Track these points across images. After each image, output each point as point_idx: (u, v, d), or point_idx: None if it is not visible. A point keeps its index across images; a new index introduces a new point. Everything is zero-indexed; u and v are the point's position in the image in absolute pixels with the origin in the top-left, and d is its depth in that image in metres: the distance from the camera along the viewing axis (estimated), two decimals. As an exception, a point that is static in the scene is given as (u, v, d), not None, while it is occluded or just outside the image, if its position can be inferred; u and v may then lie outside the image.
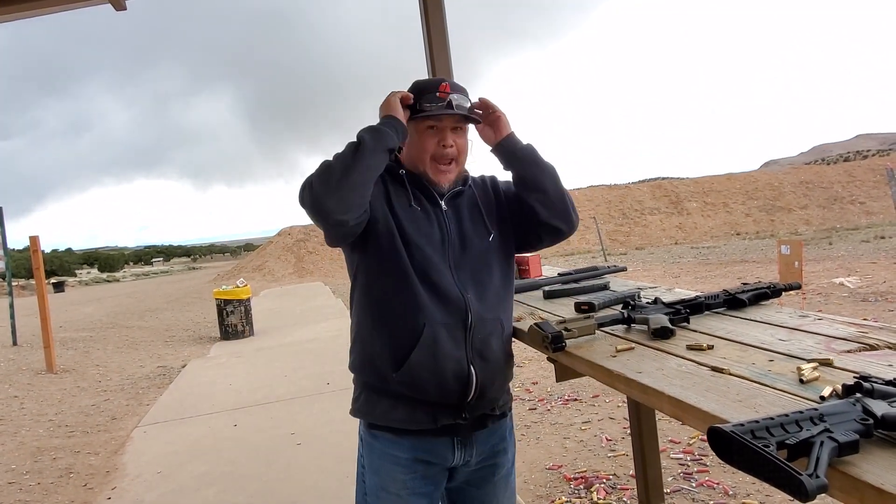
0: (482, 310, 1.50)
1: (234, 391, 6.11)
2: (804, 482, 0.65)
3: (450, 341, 1.46)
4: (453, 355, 1.46)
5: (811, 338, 1.28)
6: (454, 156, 1.54)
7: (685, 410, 1.00)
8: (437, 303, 1.46)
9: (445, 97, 1.50)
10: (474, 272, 1.53)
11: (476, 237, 1.56)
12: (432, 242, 1.51)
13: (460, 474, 1.59)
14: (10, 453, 4.73)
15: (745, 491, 3.03)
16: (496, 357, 1.53)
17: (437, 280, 1.48)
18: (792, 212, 31.50)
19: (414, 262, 1.48)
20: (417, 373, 1.45)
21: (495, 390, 1.55)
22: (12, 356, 8.87)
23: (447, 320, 1.46)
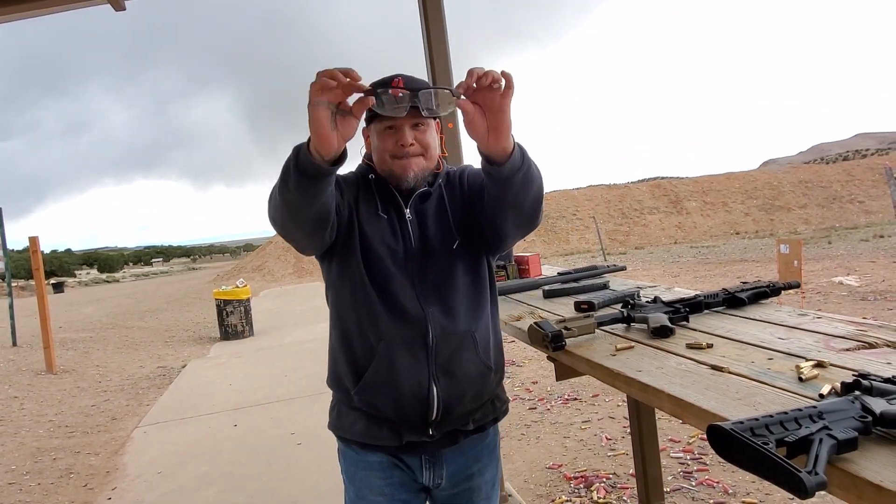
0: (448, 325, 1.40)
1: (234, 391, 6.12)
2: (803, 479, 0.66)
3: (408, 359, 1.38)
4: (412, 373, 1.37)
5: (810, 336, 1.29)
6: (418, 151, 1.41)
7: (685, 409, 1.01)
8: (396, 318, 1.38)
9: (398, 95, 1.32)
10: (439, 284, 1.42)
11: (441, 245, 1.45)
12: (394, 254, 1.42)
13: (438, 500, 1.53)
14: (10, 454, 4.73)
15: (744, 490, 3.03)
16: (467, 372, 1.42)
17: (395, 294, 1.39)
18: (791, 211, 31.51)
19: (372, 275, 1.40)
20: (374, 390, 1.39)
21: (467, 404, 1.45)
22: (12, 357, 8.87)
23: (406, 337, 1.38)
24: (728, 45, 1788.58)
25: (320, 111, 1.12)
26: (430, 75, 2.78)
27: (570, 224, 30.74)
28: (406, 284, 1.41)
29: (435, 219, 1.47)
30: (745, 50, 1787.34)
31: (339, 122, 1.15)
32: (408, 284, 1.41)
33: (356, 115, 1.17)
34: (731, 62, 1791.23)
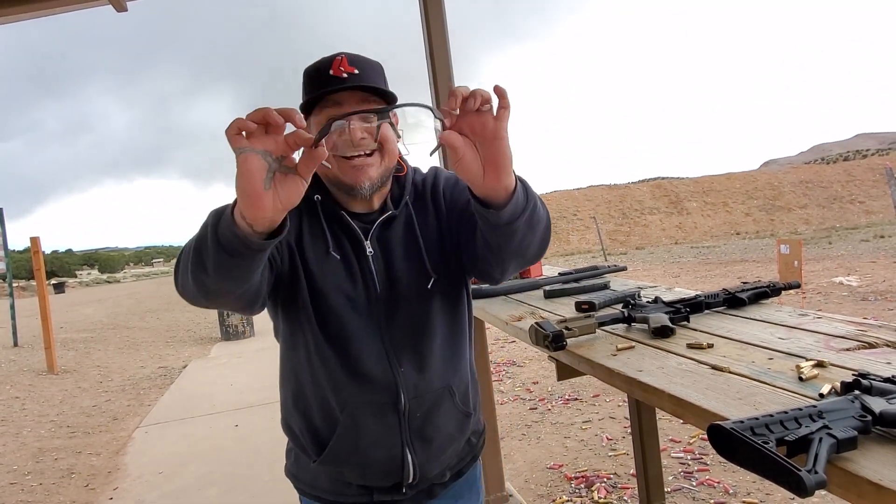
0: (422, 383, 1.19)
1: (235, 391, 6.12)
2: (803, 478, 0.66)
3: (377, 426, 1.17)
4: (382, 443, 1.17)
5: (810, 336, 1.29)
6: (372, 148, 1.11)
7: (686, 408, 1.01)
8: (360, 381, 1.16)
9: (341, 73, 1.09)
10: (411, 334, 1.18)
11: (412, 286, 1.18)
12: (355, 302, 1.16)
13: None
14: (11, 454, 4.74)
15: (745, 490, 3.04)
16: (444, 431, 1.23)
17: (358, 353, 1.16)
18: (791, 211, 31.51)
19: (328, 334, 1.15)
20: (340, 461, 1.19)
21: (444, 462, 1.27)
22: (13, 357, 8.89)
23: (373, 402, 1.17)
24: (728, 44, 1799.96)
25: (252, 162, 0.79)
26: (431, 74, 2.78)
27: (570, 224, 30.75)
28: (371, 340, 1.17)
29: (404, 252, 1.20)
30: (746, 49, 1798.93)
31: (279, 182, 0.82)
32: (373, 340, 1.17)
33: (303, 174, 0.83)
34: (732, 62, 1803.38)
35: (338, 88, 1.10)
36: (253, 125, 0.79)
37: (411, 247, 1.20)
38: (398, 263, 1.19)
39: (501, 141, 0.89)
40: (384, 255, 1.19)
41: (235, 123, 0.79)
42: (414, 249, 1.20)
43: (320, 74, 1.12)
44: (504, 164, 0.90)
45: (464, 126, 0.89)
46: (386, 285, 1.18)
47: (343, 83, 1.10)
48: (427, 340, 1.20)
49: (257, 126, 0.79)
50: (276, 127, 0.80)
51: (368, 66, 1.13)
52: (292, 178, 0.83)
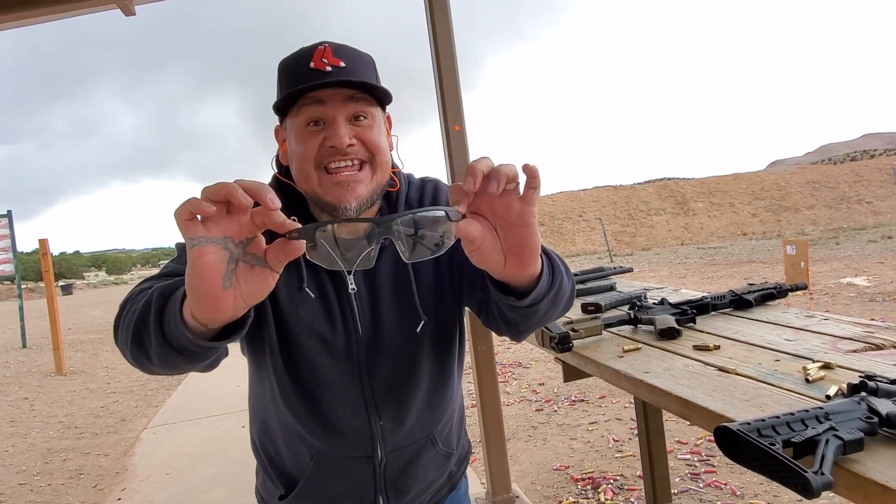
0: (402, 439, 1.06)
1: (241, 392, 6.14)
2: (809, 479, 0.66)
3: (349, 479, 1.06)
4: (354, 492, 1.07)
5: (817, 338, 1.29)
6: (362, 157, 0.94)
7: (692, 410, 1.02)
8: (331, 433, 1.03)
9: (324, 66, 0.91)
10: (394, 384, 1.03)
11: (400, 328, 1.02)
12: (332, 347, 1.00)
13: None
14: (20, 455, 4.77)
15: (752, 491, 3.03)
16: (423, 479, 1.12)
17: (332, 404, 1.02)
18: (799, 212, 31.36)
19: (298, 379, 1.01)
20: (309, 502, 1.09)
21: (424, 498, 1.16)
22: (22, 358, 8.94)
23: (344, 455, 1.04)
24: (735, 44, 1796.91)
25: (207, 256, 0.62)
26: (437, 76, 2.79)
27: (576, 225, 30.70)
28: (349, 390, 1.02)
29: (392, 289, 1.02)
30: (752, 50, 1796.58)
31: (242, 276, 0.65)
32: (351, 389, 1.02)
33: (273, 266, 0.65)
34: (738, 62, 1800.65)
35: (319, 84, 0.91)
36: (211, 207, 0.60)
37: (401, 283, 1.02)
38: (385, 303, 1.01)
39: (529, 228, 0.71)
40: (369, 293, 1.01)
41: (187, 206, 0.60)
42: (404, 286, 1.02)
43: (300, 67, 0.93)
44: (530, 252, 0.73)
45: (482, 206, 0.71)
46: (369, 328, 1.01)
47: (326, 77, 0.91)
48: (412, 390, 1.05)
49: (216, 207, 0.60)
50: (240, 208, 0.61)
51: (356, 56, 0.95)
52: (259, 270, 0.65)
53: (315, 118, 0.93)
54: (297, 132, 0.94)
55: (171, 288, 0.76)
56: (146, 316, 0.76)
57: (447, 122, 2.78)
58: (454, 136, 2.79)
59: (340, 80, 0.91)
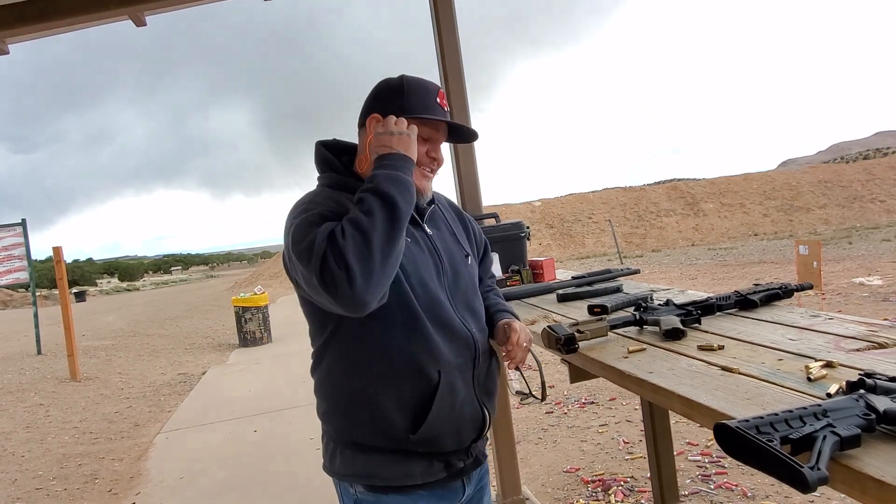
0: (483, 341, 1.38)
1: (253, 397, 6.19)
2: (805, 474, 0.68)
3: (463, 385, 1.32)
4: (469, 399, 1.33)
5: (821, 337, 1.30)
6: (437, 167, 1.39)
7: (694, 409, 1.03)
8: (449, 344, 1.29)
9: (445, 107, 1.35)
10: (468, 299, 1.39)
11: (460, 257, 1.42)
12: (429, 273, 1.31)
13: None
14: (36, 460, 4.84)
15: (763, 493, 3.02)
16: (494, 384, 1.43)
17: (444, 318, 1.30)
18: (811, 211, 31.10)
19: (420, 302, 1.26)
20: (438, 428, 1.28)
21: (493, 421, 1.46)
22: (37, 365, 9.05)
23: (459, 361, 1.31)
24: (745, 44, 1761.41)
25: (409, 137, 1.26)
26: (443, 81, 2.82)
27: (585, 227, 30.61)
28: (447, 304, 1.32)
29: (445, 234, 1.44)
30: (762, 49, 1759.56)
31: None
32: (447, 303, 1.32)
33: None
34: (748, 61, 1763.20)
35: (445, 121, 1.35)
36: None
37: (448, 232, 1.45)
38: (447, 241, 1.42)
39: None
40: (438, 235, 1.41)
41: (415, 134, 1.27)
42: (450, 232, 1.46)
43: (429, 97, 1.33)
44: None
45: None
46: (448, 258, 1.38)
47: (446, 116, 1.35)
48: (478, 305, 1.42)
49: None
50: None
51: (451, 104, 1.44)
52: None
53: (427, 136, 1.34)
54: None
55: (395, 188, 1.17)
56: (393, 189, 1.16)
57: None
58: (462, 149, 2.82)
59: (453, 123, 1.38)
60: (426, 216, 1.38)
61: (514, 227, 2.62)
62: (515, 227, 2.62)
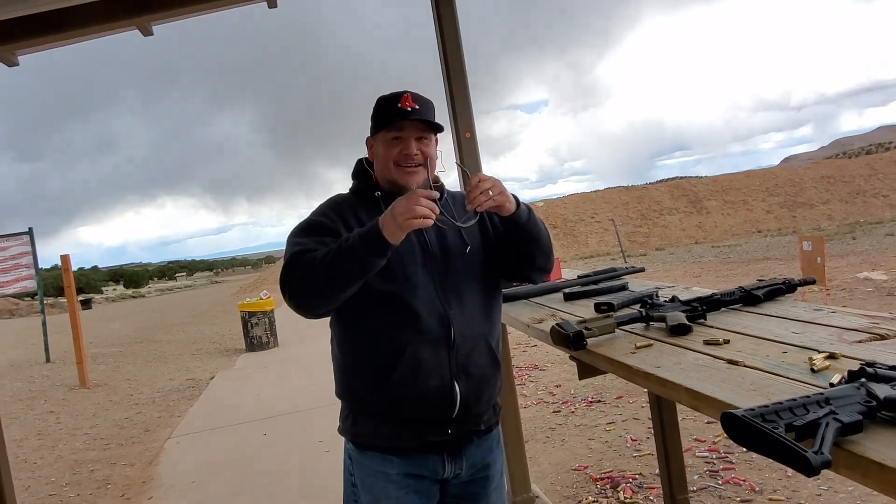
0: (465, 326, 1.49)
1: (261, 401, 6.23)
2: (809, 458, 0.71)
3: (433, 357, 1.45)
4: (436, 371, 1.45)
5: (824, 330, 1.33)
6: (420, 161, 1.50)
7: (701, 400, 1.06)
8: (421, 321, 1.45)
9: (407, 107, 1.48)
10: (457, 285, 1.51)
11: (456, 249, 1.54)
12: (414, 259, 1.48)
13: (452, 488, 1.58)
14: (49, 466, 4.88)
15: (771, 487, 3.04)
16: (481, 372, 1.52)
17: (420, 298, 1.46)
18: (814, 207, 31.06)
19: (397, 286, 1.45)
20: (400, 392, 1.45)
21: (482, 405, 1.54)
22: (46, 373, 9.11)
23: (430, 337, 1.46)
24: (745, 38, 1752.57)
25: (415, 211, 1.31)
26: (447, 85, 2.85)
27: (588, 227, 30.62)
28: (429, 286, 1.48)
29: (448, 229, 1.54)
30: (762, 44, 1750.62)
31: None
32: (431, 285, 1.48)
33: None
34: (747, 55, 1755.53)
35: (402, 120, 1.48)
36: None
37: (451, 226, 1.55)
38: (445, 233, 1.53)
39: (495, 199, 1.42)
40: (434, 230, 1.50)
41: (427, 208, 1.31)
42: (454, 228, 1.53)
43: (392, 105, 1.49)
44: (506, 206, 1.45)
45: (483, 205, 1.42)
46: (437, 247, 1.52)
47: (407, 115, 1.48)
48: (468, 293, 1.52)
49: None
50: None
51: (425, 103, 1.51)
52: None
53: (396, 136, 1.50)
54: (384, 142, 1.52)
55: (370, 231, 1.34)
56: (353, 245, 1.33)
57: (458, 130, 2.85)
58: (465, 143, 2.85)
59: (416, 118, 1.48)
60: None
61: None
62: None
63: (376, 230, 1.32)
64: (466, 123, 2.85)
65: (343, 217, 1.50)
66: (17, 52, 2.88)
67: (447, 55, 2.82)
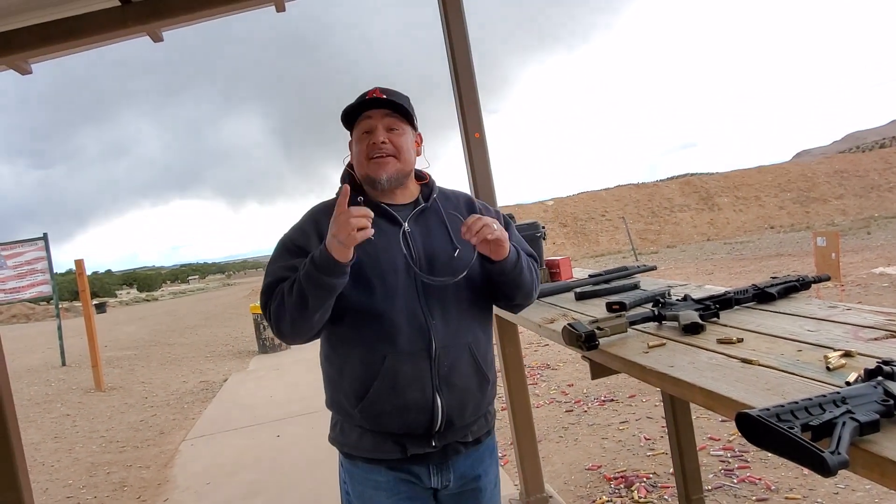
0: (447, 336, 1.44)
1: (275, 403, 6.26)
2: (826, 458, 0.70)
3: (412, 370, 1.41)
4: (416, 384, 1.41)
5: (839, 327, 1.32)
6: (391, 151, 1.47)
7: (716, 400, 1.06)
8: (400, 333, 1.41)
9: (372, 96, 1.48)
10: (442, 291, 1.46)
11: (443, 254, 1.48)
12: (395, 269, 1.44)
13: (444, 499, 1.55)
14: (66, 469, 4.94)
15: (787, 486, 3.02)
16: (467, 384, 1.47)
17: (399, 308, 1.42)
18: (827, 202, 30.73)
19: (377, 294, 1.42)
20: (379, 406, 1.42)
21: (467, 417, 1.50)
22: (62, 376, 9.21)
23: (409, 349, 1.41)
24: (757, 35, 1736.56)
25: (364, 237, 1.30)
26: (454, 83, 2.85)
27: (599, 225, 30.49)
28: (411, 296, 1.44)
29: (435, 230, 1.52)
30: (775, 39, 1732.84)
31: None
32: (412, 292, 1.44)
33: None
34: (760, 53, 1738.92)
35: (367, 105, 1.48)
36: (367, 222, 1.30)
37: (440, 229, 1.53)
38: (431, 239, 1.50)
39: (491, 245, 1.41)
40: (420, 233, 1.50)
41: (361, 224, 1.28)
42: (442, 230, 1.53)
43: (359, 99, 1.50)
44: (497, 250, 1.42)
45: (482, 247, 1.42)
46: (423, 253, 1.47)
47: (372, 104, 1.48)
48: (453, 300, 1.47)
49: None
50: None
51: (395, 93, 1.50)
52: None
53: (366, 129, 1.48)
54: (356, 138, 1.52)
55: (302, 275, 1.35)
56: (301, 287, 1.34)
57: (467, 130, 2.85)
58: (474, 143, 2.85)
59: (380, 101, 1.47)
60: (411, 218, 1.51)
61: (530, 227, 2.65)
62: (531, 228, 2.65)
63: (325, 253, 1.32)
64: (475, 123, 2.86)
65: (318, 229, 1.46)
66: (29, 61, 2.91)
67: (454, 54, 2.82)
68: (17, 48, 2.64)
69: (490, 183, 2.88)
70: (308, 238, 1.47)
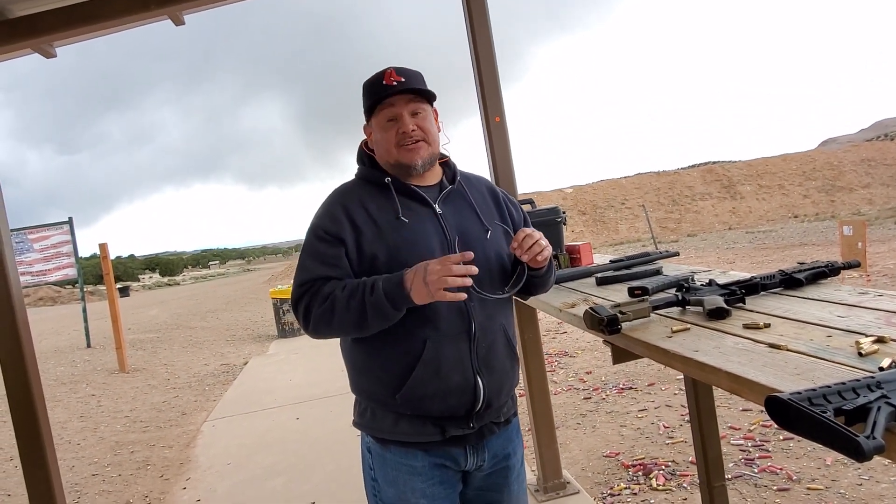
0: (485, 318, 1.45)
1: (294, 386, 6.33)
2: (861, 443, 0.68)
3: (454, 354, 1.41)
4: (458, 368, 1.41)
5: (871, 313, 1.28)
6: (420, 137, 1.46)
7: (742, 385, 1.03)
8: (441, 317, 1.40)
9: (392, 82, 1.45)
10: (477, 276, 1.39)
11: (475, 236, 1.49)
12: (430, 248, 1.43)
13: (475, 479, 1.55)
14: (91, 447, 5.05)
15: (809, 476, 2.98)
16: (502, 365, 1.49)
17: None
18: (853, 191, 30.10)
19: None
20: (420, 391, 1.40)
21: (503, 398, 1.52)
22: (87, 357, 9.39)
23: (450, 332, 1.41)
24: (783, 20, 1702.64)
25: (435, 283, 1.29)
26: (476, 69, 2.82)
27: (618, 213, 30.22)
28: None
29: (464, 212, 1.53)
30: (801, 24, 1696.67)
31: None
32: None
33: None
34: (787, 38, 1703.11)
35: (389, 93, 1.45)
36: None
37: (468, 209, 1.54)
38: (462, 219, 1.51)
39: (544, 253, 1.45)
40: (451, 214, 1.50)
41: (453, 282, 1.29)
42: (470, 211, 1.54)
43: (377, 85, 1.47)
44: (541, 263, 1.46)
45: None
46: (456, 234, 1.47)
47: (394, 89, 1.44)
48: (487, 282, 1.45)
49: None
50: None
51: (412, 74, 1.48)
52: None
53: (390, 117, 1.47)
54: (380, 127, 1.49)
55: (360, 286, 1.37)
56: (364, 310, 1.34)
57: (487, 114, 2.82)
58: (495, 128, 2.83)
59: (403, 88, 1.45)
60: (440, 197, 1.51)
61: (551, 212, 2.63)
62: (552, 213, 2.62)
63: (404, 293, 1.31)
64: (496, 107, 2.83)
65: (349, 214, 1.45)
66: (54, 44, 2.94)
67: (475, 38, 2.79)
68: (41, 31, 2.66)
69: (510, 168, 2.86)
70: (340, 225, 1.43)
